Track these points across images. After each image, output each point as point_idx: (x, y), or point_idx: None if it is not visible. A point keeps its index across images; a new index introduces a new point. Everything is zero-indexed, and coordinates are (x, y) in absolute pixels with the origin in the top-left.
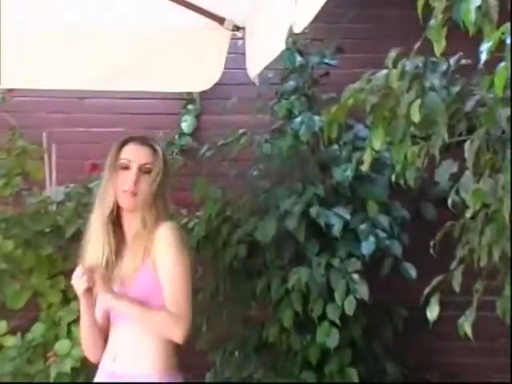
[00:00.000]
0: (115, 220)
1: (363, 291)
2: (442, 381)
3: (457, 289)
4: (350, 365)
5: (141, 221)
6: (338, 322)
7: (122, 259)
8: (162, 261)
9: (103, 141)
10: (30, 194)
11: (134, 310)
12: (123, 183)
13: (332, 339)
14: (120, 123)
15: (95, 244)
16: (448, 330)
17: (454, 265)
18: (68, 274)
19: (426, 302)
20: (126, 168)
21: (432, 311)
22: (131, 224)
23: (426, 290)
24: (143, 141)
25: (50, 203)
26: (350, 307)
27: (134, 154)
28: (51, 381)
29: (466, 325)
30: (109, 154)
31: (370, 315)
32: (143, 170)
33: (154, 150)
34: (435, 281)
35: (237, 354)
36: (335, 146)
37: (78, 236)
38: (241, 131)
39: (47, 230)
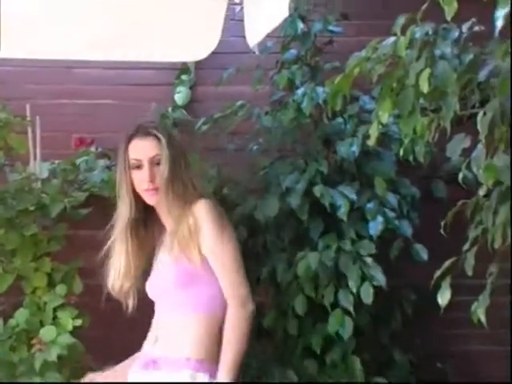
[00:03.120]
0: (154, 215)
1: (380, 277)
2: (455, 370)
3: (469, 272)
4: (354, 353)
5: (169, 212)
6: (351, 310)
7: (163, 250)
8: (206, 244)
9: (91, 114)
10: (13, 171)
11: (236, 364)
12: (140, 183)
13: (346, 329)
14: (109, 95)
15: (119, 252)
16: (460, 315)
17: (466, 246)
18: (54, 256)
19: (437, 286)
20: (138, 167)
21: (443, 296)
22: (165, 217)
23: (437, 274)
24: (146, 132)
25: (35, 180)
26: (367, 295)
27: (141, 151)
28: (36, 369)
29: (479, 311)
30: (117, 156)
31: (376, 300)
32: (155, 163)
33: (159, 139)
34: (446, 263)
35: None
36: (340, 120)
37: (63, 215)
38: (239, 103)
39: (31, 208)
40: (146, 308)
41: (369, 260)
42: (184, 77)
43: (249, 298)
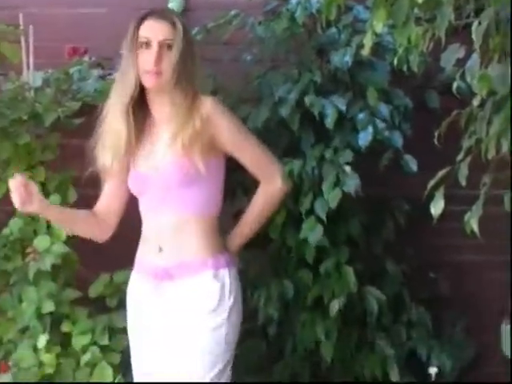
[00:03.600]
0: (140, 103)
1: (351, 184)
2: (448, 280)
3: (463, 182)
4: (347, 263)
5: (169, 101)
6: (323, 217)
7: (153, 143)
8: (227, 136)
9: (85, 23)
10: (7, 80)
11: (255, 227)
12: (145, 63)
13: (315, 234)
14: (103, 3)
15: (115, 130)
16: (453, 226)
17: (460, 156)
18: (47, 166)
19: (430, 197)
20: (147, 46)
21: (436, 206)
22: (159, 106)
23: (431, 184)
24: (162, 15)
25: (28, 89)
26: (333, 200)
27: (153, 31)
28: (30, 278)
29: (472, 221)
30: (127, 32)
31: (369, 211)
32: (165, 47)
33: (174, 24)
34: (440, 173)
35: None
36: (333, 29)
37: (56, 125)
38: (233, 12)
39: (25, 117)
40: (138, 220)
41: (347, 168)
42: None
43: (280, 177)
